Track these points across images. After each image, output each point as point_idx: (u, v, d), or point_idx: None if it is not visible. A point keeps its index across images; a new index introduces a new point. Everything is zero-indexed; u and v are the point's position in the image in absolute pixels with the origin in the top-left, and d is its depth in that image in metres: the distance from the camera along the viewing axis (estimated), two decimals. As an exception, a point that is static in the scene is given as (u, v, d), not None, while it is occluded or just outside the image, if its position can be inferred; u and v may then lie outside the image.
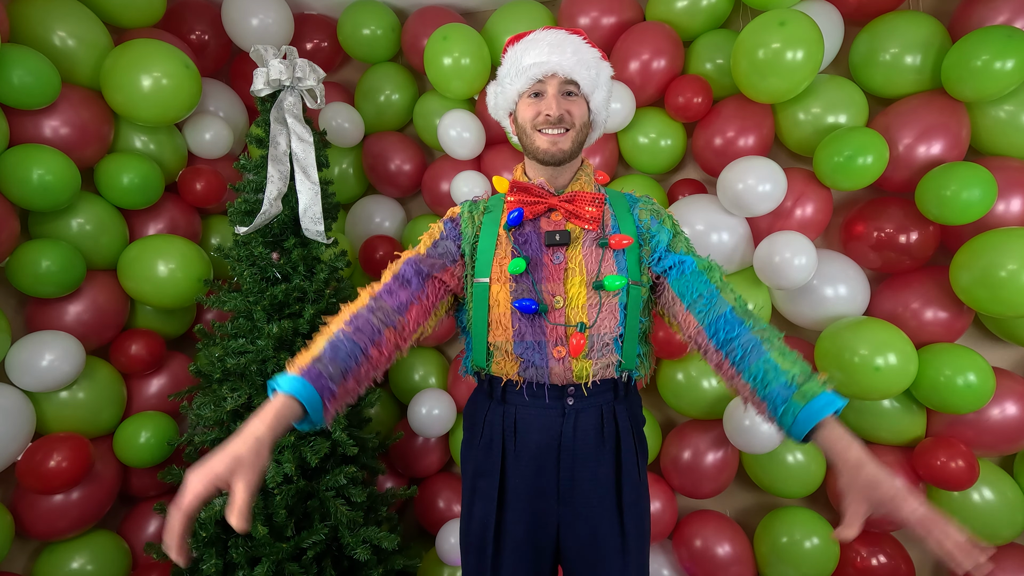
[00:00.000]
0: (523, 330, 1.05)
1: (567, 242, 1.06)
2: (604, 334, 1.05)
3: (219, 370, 1.63)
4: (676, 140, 2.02)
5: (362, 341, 0.96)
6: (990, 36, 1.57)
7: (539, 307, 1.03)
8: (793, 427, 0.90)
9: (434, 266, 1.08)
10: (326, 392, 0.90)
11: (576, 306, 1.04)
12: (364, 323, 0.98)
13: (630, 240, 1.06)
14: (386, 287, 1.04)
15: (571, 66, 1.05)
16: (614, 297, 1.05)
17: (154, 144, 1.95)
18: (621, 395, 1.12)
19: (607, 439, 1.09)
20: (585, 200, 1.08)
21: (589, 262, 1.06)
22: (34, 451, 1.64)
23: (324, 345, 0.94)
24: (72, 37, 1.75)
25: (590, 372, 1.05)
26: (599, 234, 1.08)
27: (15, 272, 1.65)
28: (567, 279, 1.06)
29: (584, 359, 1.05)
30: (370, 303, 1.01)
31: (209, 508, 1.49)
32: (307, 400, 0.87)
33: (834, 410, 0.88)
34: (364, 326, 0.98)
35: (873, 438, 1.82)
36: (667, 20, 1.97)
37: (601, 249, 1.07)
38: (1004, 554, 1.70)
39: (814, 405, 0.88)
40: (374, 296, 1.03)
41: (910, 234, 1.73)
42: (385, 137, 2.30)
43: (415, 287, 1.05)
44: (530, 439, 1.08)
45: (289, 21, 2.16)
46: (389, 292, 1.03)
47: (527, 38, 1.10)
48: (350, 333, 0.96)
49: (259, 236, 1.71)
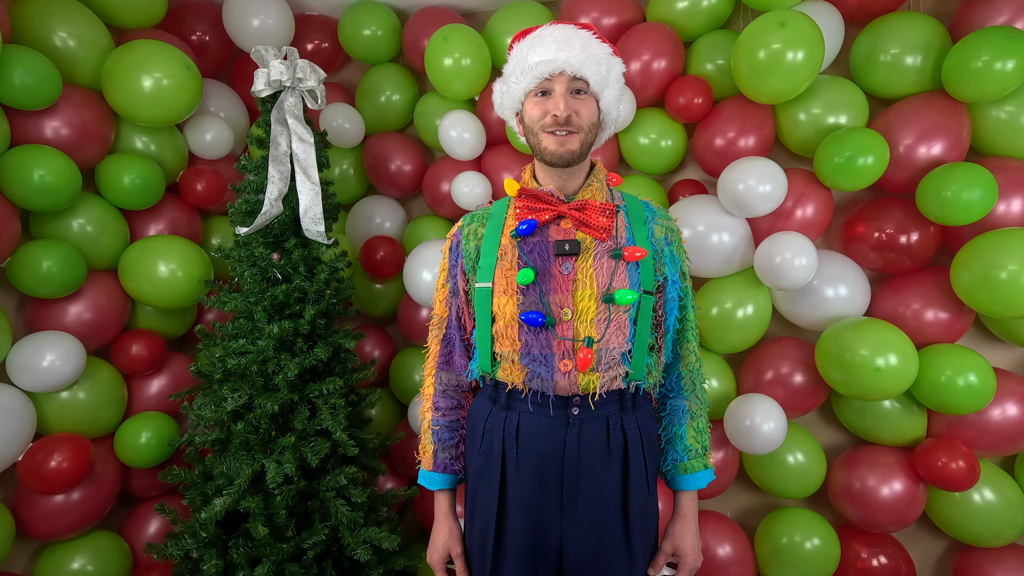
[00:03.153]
0: (529, 342, 1.04)
1: (576, 252, 1.03)
2: (612, 348, 1.03)
3: (220, 370, 1.63)
4: (676, 141, 2.02)
5: (452, 416, 1.19)
6: (991, 37, 1.57)
7: (546, 320, 1.02)
8: (668, 480, 1.17)
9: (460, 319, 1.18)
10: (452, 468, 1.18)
11: (585, 320, 1.02)
12: (444, 403, 1.19)
13: (644, 253, 1.04)
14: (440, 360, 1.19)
15: (579, 63, 1.01)
16: (624, 311, 1.03)
17: (155, 145, 1.95)
18: (629, 406, 1.08)
19: (614, 451, 1.05)
20: (596, 210, 1.05)
21: (600, 274, 1.03)
22: (35, 451, 1.64)
23: (432, 439, 1.18)
24: (73, 38, 1.75)
25: (597, 384, 1.03)
26: (611, 245, 1.05)
27: (16, 272, 1.65)
28: (576, 291, 1.03)
29: (591, 372, 1.03)
30: (437, 386, 1.19)
31: (209, 508, 1.50)
32: (450, 483, 1.18)
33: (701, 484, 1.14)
34: (444, 404, 1.18)
35: (874, 439, 1.82)
36: (668, 21, 1.97)
37: (613, 261, 1.04)
38: (1004, 554, 1.70)
39: (689, 479, 1.14)
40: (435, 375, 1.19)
41: (911, 235, 1.73)
42: (386, 138, 2.30)
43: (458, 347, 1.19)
44: (532, 448, 1.05)
45: (290, 22, 2.16)
46: (447, 363, 1.19)
47: (533, 34, 1.06)
48: (440, 418, 1.18)
49: (260, 237, 1.71)
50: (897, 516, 1.73)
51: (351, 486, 1.63)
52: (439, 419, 1.17)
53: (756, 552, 1.94)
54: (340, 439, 1.59)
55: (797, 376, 1.83)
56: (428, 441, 1.18)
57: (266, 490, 1.56)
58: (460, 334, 1.18)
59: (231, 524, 1.63)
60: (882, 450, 1.79)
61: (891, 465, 1.74)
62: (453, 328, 1.18)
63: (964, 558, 1.77)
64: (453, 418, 1.18)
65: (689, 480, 1.13)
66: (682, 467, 1.13)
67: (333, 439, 1.62)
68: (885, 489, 1.72)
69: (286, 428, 1.64)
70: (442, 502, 1.18)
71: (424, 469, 1.18)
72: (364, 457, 1.78)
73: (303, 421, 1.60)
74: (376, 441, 1.83)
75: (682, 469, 1.14)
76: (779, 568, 1.85)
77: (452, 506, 1.19)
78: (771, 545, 1.86)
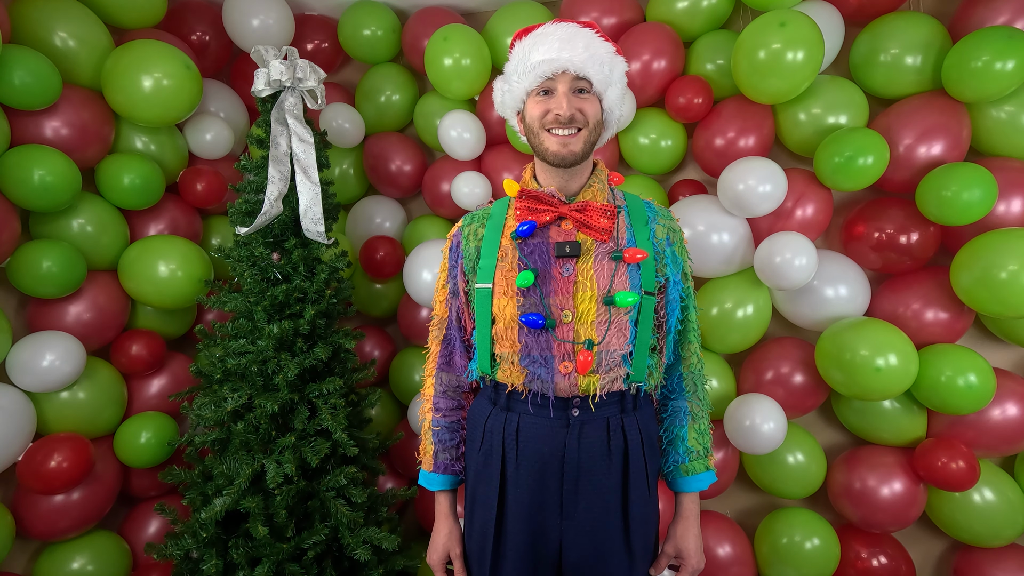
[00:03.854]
0: (529, 344, 1.03)
1: (577, 254, 1.02)
2: (613, 351, 1.02)
3: (220, 370, 1.63)
4: (676, 141, 2.02)
5: (453, 417, 1.19)
6: (990, 37, 1.57)
7: (546, 322, 1.01)
8: (669, 481, 1.17)
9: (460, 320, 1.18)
10: (453, 469, 1.18)
11: (585, 322, 1.01)
12: (444, 404, 1.19)
13: (645, 255, 1.03)
14: (441, 361, 1.19)
15: (582, 62, 0.99)
16: (625, 313, 1.03)
17: (155, 145, 1.95)
18: (630, 407, 1.08)
19: (614, 452, 1.05)
20: (597, 211, 1.04)
21: (600, 276, 1.02)
22: (35, 451, 1.64)
23: (433, 440, 1.18)
24: (73, 38, 1.75)
25: (597, 386, 1.02)
26: (612, 247, 1.04)
27: (16, 272, 1.65)
28: (576, 293, 1.02)
29: (591, 374, 1.02)
30: (438, 387, 1.19)
31: (209, 508, 1.50)
32: (451, 484, 1.18)
33: (702, 486, 1.13)
34: (445, 405, 1.19)
35: (874, 439, 1.82)
36: (668, 21, 1.97)
37: (614, 262, 1.03)
38: (1004, 554, 1.70)
39: (690, 480, 1.13)
40: (436, 376, 1.20)
41: (911, 235, 1.73)
42: (385, 138, 2.30)
43: (459, 347, 1.19)
44: (532, 449, 1.05)
45: (290, 22, 2.16)
46: (447, 363, 1.19)
47: (535, 32, 1.04)
48: (441, 419, 1.18)
49: (260, 237, 1.71)
50: (897, 516, 1.73)
51: (351, 486, 1.63)
52: (439, 420, 1.18)
53: (756, 552, 1.94)
54: (340, 439, 1.59)
55: (797, 376, 1.83)
56: (429, 442, 1.19)
57: (266, 490, 1.56)
58: (460, 335, 1.18)
59: (231, 524, 1.63)
60: (882, 450, 1.79)
61: (891, 465, 1.74)
62: (453, 329, 1.18)
63: (964, 558, 1.77)
64: (454, 419, 1.19)
65: (691, 482, 1.13)
66: (683, 468, 1.13)
67: (333, 439, 1.62)
68: (885, 489, 1.72)
69: (286, 428, 1.64)
70: (442, 503, 1.19)
71: (424, 470, 1.19)
72: (364, 457, 1.78)
73: (303, 421, 1.60)
74: (376, 441, 1.83)
75: (683, 471, 1.13)
76: (779, 568, 1.85)
77: (452, 507, 1.20)
78: (771, 545, 1.86)
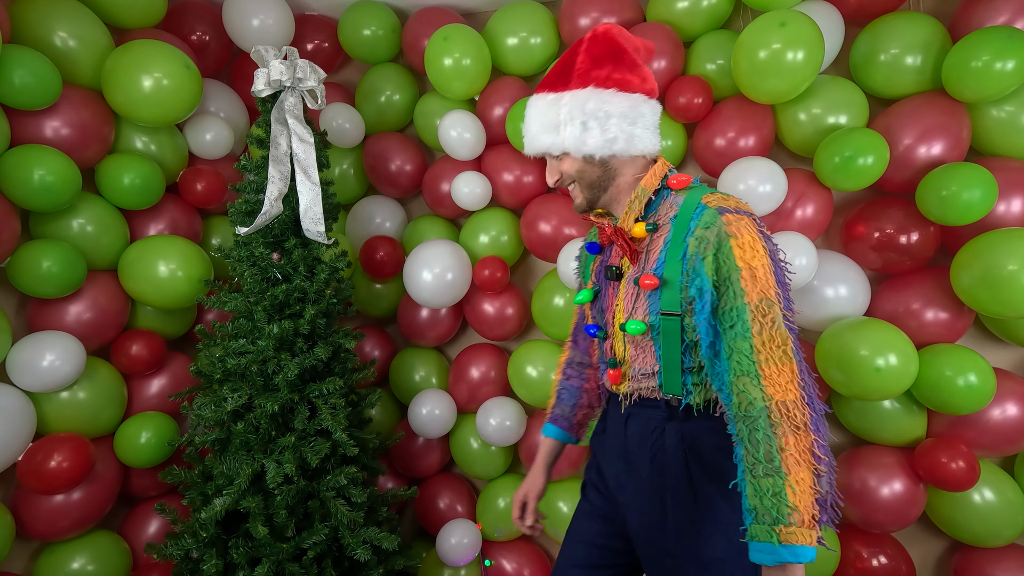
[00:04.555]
0: (597, 348, 1.21)
1: (616, 277, 1.11)
2: (639, 369, 1.08)
3: (220, 370, 1.63)
4: (677, 141, 2.02)
5: (575, 383, 1.34)
6: (990, 37, 1.57)
7: (598, 333, 1.15)
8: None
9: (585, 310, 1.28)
10: (561, 424, 1.33)
11: (617, 341, 1.12)
12: (569, 371, 1.36)
13: (654, 283, 1.00)
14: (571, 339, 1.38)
15: (535, 145, 1.09)
16: (644, 337, 1.05)
17: (155, 144, 1.95)
18: (678, 415, 1.05)
19: (652, 450, 1.07)
20: (623, 237, 1.07)
21: (628, 300, 1.08)
22: (35, 451, 1.64)
23: (555, 394, 1.37)
24: (73, 38, 1.75)
25: (629, 391, 1.12)
26: (636, 272, 1.07)
27: (16, 272, 1.65)
28: (614, 313, 1.12)
29: (625, 381, 1.12)
30: (569, 355, 1.37)
31: (209, 508, 1.50)
32: (554, 435, 1.33)
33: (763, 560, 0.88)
34: (570, 372, 1.36)
35: (874, 439, 1.82)
36: (668, 21, 1.97)
37: (635, 287, 1.06)
38: (1004, 554, 1.70)
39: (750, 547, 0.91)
40: (570, 346, 1.38)
41: (911, 235, 1.73)
42: (386, 138, 2.30)
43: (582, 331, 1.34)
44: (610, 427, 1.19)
45: (290, 22, 2.16)
46: (575, 341, 1.37)
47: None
48: (564, 380, 1.36)
49: (260, 236, 1.71)
50: (897, 516, 1.73)
51: (351, 486, 1.63)
52: (563, 381, 1.36)
53: (756, 552, 1.93)
54: (340, 439, 1.60)
55: (797, 376, 1.82)
56: (553, 396, 1.37)
57: (266, 490, 1.56)
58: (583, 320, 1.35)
59: (231, 524, 1.63)
60: (882, 450, 1.79)
61: (891, 465, 1.74)
62: (581, 315, 1.36)
63: (964, 558, 1.77)
64: (576, 384, 1.34)
65: (751, 549, 0.90)
66: (748, 531, 0.91)
67: (333, 439, 1.62)
68: (885, 489, 1.72)
69: (286, 428, 1.64)
70: (541, 450, 1.33)
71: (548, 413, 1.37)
72: (364, 457, 1.78)
73: (303, 421, 1.60)
74: (376, 441, 1.84)
75: (748, 534, 0.92)
76: (779, 568, 1.84)
77: (547, 458, 1.32)
78: (771, 545, 1.86)
